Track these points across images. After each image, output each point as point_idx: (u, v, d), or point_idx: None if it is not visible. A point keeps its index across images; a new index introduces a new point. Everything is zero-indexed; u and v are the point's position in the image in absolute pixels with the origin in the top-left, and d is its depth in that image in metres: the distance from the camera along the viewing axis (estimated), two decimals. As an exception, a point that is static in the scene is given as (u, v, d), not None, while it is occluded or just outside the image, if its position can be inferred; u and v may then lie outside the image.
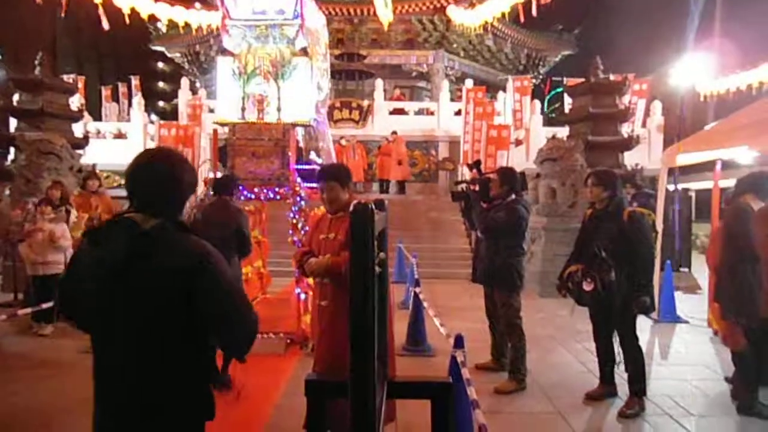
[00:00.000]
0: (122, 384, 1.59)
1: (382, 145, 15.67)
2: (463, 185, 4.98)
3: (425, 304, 5.29)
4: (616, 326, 4.12)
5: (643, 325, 6.70)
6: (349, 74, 19.73)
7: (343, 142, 14.99)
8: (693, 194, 13.08)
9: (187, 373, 1.61)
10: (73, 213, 6.92)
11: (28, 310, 5.34)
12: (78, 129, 12.23)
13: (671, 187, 9.72)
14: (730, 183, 9.66)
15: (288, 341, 5.43)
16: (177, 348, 1.57)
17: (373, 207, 1.59)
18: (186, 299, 1.53)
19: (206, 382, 1.68)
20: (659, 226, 6.93)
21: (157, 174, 1.63)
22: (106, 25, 9.41)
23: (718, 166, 6.69)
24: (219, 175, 6.10)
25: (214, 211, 4.42)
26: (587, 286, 3.95)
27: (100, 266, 1.53)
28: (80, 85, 17.41)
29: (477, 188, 4.75)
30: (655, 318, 6.95)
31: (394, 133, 15.58)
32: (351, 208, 1.57)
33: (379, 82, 18.25)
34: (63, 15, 9.14)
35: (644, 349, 4.83)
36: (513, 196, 4.58)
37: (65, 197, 6.96)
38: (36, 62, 10.60)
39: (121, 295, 1.53)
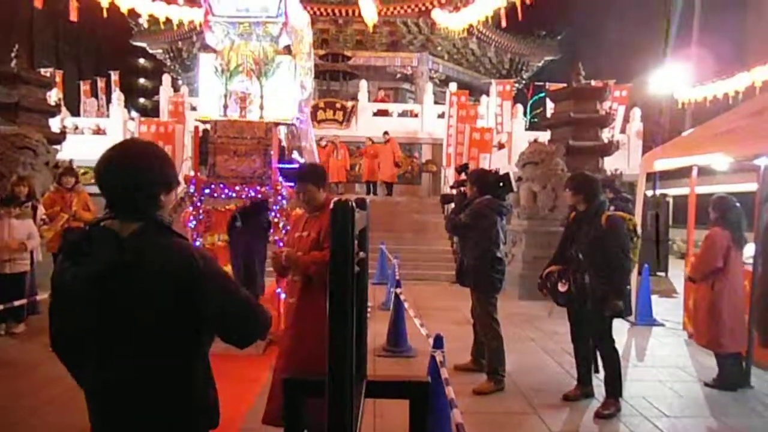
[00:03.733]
0: (121, 404, 1.48)
1: (367, 147, 15.50)
2: (457, 188, 5.05)
3: (406, 305, 5.29)
4: (591, 328, 4.18)
5: (620, 327, 6.80)
6: (334, 75, 19.68)
7: (323, 142, 14.81)
8: (670, 200, 13.31)
9: (187, 383, 1.53)
10: (41, 209, 6.74)
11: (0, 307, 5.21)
12: (55, 124, 11.99)
13: (650, 193, 9.88)
14: (706, 189, 9.87)
15: (267, 341, 5.38)
16: (174, 357, 1.49)
17: (354, 205, 1.58)
18: (179, 304, 1.44)
19: (207, 389, 1.60)
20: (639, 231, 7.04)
21: (128, 170, 1.49)
22: (74, 16, 9.21)
23: (695, 172, 6.82)
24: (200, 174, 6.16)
25: (252, 207, 5.96)
26: (561, 287, 4.10)
27: (84, 283, 1.43)
28: (58, 79, 17.10)
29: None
30: (632, 321, 7.06)
31: (386, 133, 15.43)
32: (331, 205, 1.56)
33: (363, 83, 18.23)
34: (41, 7, 8.86)
35: (620, 351, 4.89)
36: (487, 197, 4.61)
37: (32, 193, 6.78)
38: (12, 55, 10.37)
39: (111, 311, 1.43)
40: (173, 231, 1.53)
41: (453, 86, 17.66)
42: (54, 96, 14.39)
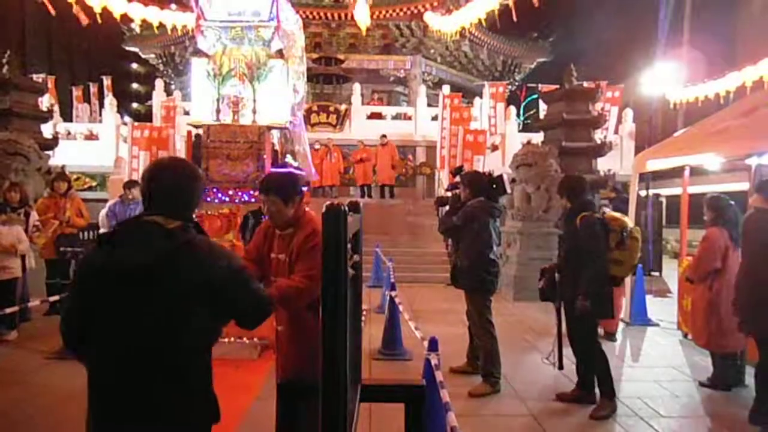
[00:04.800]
0: (128, 388, 1.56)
1: (359, 150, 15.42)
2: (452, 191, 5.09)
3: (401, 308, 5.28)
4: (570, 327, 4.22)
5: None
6: (327, 78, 19.68)
7: (317, 146, 14.73)
8: (663, 200, 13.37)
9: (198, 375, 1.65)
10: (34, 215, 6.68)
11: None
12: (47, 130, 11.92)
13: (643, 193, 9.93)
14: (698, 189, 9.94)
15: (262, 346, 5.36)
16: (191, 348, 1.62)
17: (346, 209, 1.58)
18: (208, 297, 1.59)
19: (211, 384, 1.72)
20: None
21: (181, 176, 1.73)
22: (84, 21, 9.19)
23: (687, 172, 6.86)
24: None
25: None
26: (539, 284, 4.32)
27: (122, 267, 1.55)
28: (50, 85, 17.02)
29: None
30: (627, 321, 7.08)
31: (384, 136, 15.30)
32: (323, 209, 1.56)
33: (356, 87, 18.24)
34: (54, 13, 8.91)
35: (616, 351, 4.91)
36: (479, 199, 4.61)
37: (24, 199, 6.72)
38: (4, 61, 10.32)
39: (142, 296, 1.54)
40: (204, 231, 1.76)
41: (446, 89, 17.69)
42: (46, 101, 14.33)
